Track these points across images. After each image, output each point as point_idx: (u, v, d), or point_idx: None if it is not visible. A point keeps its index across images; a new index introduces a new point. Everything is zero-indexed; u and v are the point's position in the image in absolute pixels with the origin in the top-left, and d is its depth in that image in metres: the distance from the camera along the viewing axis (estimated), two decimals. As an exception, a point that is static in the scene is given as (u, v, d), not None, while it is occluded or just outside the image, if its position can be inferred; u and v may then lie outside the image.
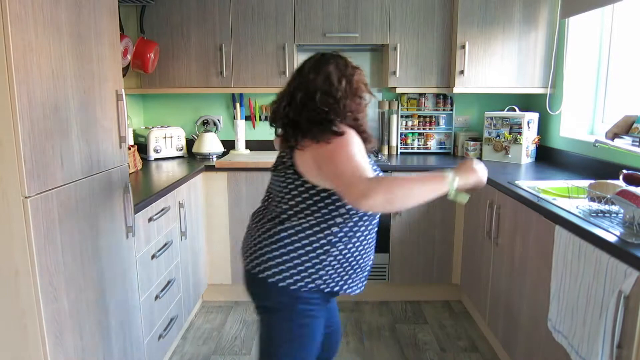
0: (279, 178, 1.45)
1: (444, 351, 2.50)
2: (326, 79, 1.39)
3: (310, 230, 1.39)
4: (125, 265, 1.80)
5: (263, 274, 1.40)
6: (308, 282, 1.40)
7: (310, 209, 1.39)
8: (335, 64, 1.41)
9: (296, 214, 1.40)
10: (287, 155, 1.43)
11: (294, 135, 1.39)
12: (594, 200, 1.75)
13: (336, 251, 1.40)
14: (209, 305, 3.04)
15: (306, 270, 1.39)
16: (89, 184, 1.53)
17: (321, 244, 1.39)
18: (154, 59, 2.94)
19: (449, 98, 3.34)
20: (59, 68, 1.37)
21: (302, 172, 1.38)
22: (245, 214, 2.90)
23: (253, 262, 1.43)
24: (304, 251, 1.38)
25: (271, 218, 1.44)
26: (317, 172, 1.35)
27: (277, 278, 1.39)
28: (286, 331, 1.42)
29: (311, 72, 1.41)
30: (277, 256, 1.39)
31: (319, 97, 1.37)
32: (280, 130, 1.48)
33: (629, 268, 1.30)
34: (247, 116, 3.43)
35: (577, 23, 2.74)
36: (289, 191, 1.41)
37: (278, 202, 1.44)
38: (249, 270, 1.45)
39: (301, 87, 1.41)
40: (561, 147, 2.88)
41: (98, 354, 1.60)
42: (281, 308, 1.42)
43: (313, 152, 1.34)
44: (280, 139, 1.48)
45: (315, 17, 2.97)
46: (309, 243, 1.38)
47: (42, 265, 1.29)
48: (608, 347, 1.37)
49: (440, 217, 2.90)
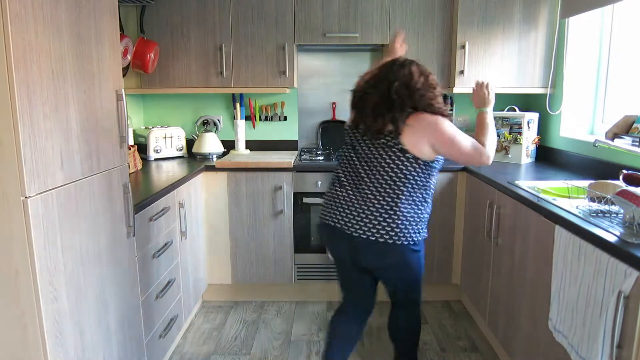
0: (384, 157, 1.77)
1: (444, 351, 2.50)
2: (424, 76, 1.81)
3: (420, 194, 1.81)
4: (125, 265, 1.80)
5: (399, 241, 1.78)
6: (423, 233, 1.86)
7: (415, 178, 1.78)
8: (417, 65, 1.83)
9: (411, 185, 1.78)
10: (388, 137, 1.76)
11: (399, 119, 1.74)
12: (594, 200, 1.75)
13: (429, 207, 1.87)
14: (209, 305, 3.04)
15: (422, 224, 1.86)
16: (89, 184, 1.53)
17: (426, 203, 1.85)
18: (154, 59, 2.94)
19: (449, 98, 3.34)
20: (59, 68, 1.37)
21: (410, 150, 1.74)
22: (245, 214, 2.90)
23: (387, 235, 1.77)
24: (420, 212, 1.82)
25: (388, 194, 1.77)
26: (429, 147, 1.75)
27: (409, 241, 1.80)
28: (420, 264, 1.91)
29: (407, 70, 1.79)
30: (407, 225, 1.79)
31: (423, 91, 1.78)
32: (370, 115, 1.80)
33: (629, 268, 1.30)
34: (247, 116, 3.43)
35: (577, 23, 2.74)
36: (400, 166, 1.76)
37: (390, 178, 1.77)
38: (384, 241, 1.78)
39: (402, 82, 1.77)
40: (561, 147, 2.88)
41: (98, 353, 1.60)
42: (417, 251, 1.86)
43: (426, 133, 1.73)
44: (372, 123, 1.78)
45: (315, 17, 2.97)
46: (421, 205, 1.82)
47: (42, 265, 1.29)
48: (608, 347, 1.37)
49: (440, 217, 2.90)
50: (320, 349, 2.53)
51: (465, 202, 2.85)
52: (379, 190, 1.78)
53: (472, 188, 2.73)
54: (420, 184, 1.80)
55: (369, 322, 2.81)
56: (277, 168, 2.84)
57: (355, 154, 1.85)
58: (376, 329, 2.73)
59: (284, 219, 2.91)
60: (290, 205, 2.90)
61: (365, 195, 1.80)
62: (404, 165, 1.76)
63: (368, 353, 2.49)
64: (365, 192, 1.80)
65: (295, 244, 2.95)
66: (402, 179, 1.77)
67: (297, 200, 2.90)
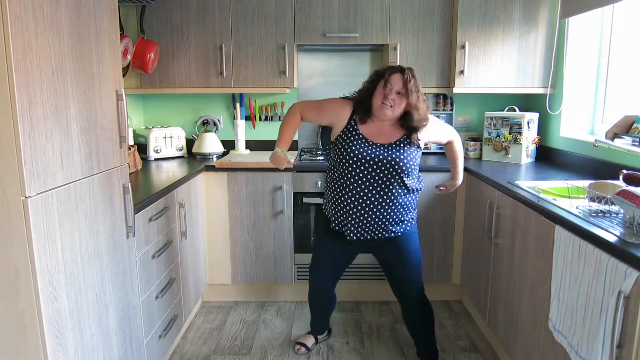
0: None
1: (443, 351, 2.50)
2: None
3: (329, 175, 2.19)
4: (125, 265, 1.80)
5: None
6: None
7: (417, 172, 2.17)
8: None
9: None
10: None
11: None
12: (594, 200, 1.75)
13: (331, 186, 2.18)
14: (209, 305, 3.04)
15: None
16: (89, 184, 1.53)
17: (330, 181, 2.19)
18: (154, 59, 2.94)
19: (449, 98, 3.34)
20: (59, 68, 1.37)
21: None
22: (245, 214, 2.90)
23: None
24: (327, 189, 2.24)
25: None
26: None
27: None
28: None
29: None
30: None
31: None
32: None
33: (629, 268, 1.30)
34: (247, 116, 3.43)
35: (577, 23, 2.74)
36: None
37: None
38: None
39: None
40: (561, 147, 2.88)
41: (98, 354, 1.60)
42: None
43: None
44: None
45: (315, 17, 2.97)
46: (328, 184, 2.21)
47: (42, 265, 1.29)
48: (608, 347, 1.37)
49: (440, 217, 2.90)
50: (321, 349, 2.53)
51: (465, 202, 2.85)
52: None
53: (472, 188, 2.73)
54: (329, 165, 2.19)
55: (369, 322, 2.82)
56: (277, 168, 2.83)
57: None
58: (376, 329, 2.73)
59: (284, 219, 2.91)
60: (290, 205, 2.90)
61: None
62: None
63: (368, 353, 2.50)
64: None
65: (295, 244, 2.95)
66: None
67: (297, 200, 2.90)
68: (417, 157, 2.12)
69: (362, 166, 2.04)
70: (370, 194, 2.05)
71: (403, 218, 2.13)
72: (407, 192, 2.10)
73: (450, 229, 2.92)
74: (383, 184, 2.05)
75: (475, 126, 3.43)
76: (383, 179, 2.04)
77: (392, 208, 2.08)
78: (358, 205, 2.07)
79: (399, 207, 2.09)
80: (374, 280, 2.98)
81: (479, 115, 3.40)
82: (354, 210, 2.08)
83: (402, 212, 2.11)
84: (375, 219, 2.08)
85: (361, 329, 2.73)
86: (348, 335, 2.66)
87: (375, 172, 2.04)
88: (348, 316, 2.88)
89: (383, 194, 2.05)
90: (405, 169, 2.05)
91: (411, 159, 2.07)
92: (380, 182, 2.04)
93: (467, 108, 3.41)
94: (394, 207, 2.08)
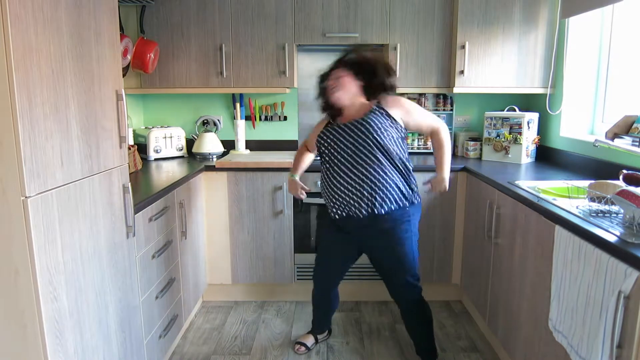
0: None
1: (443, 351, 2.50)
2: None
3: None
4: (125, 265, 1.80)
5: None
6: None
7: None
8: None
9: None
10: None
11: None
12: (594, 200, 1.75)
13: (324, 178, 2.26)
14: (209, 305, 3.04)
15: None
16: (89, 184, 1.53)
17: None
18: (154, 59, 2.94)
19: (449, 98, 3.34)
20: (59, 68, 1.37)
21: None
22: (245, 214, 2.90)
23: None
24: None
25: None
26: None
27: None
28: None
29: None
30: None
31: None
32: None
33: (629, 268, 1.30)
34: (247, 116, 3.43)
35: (577, 23, 2.74)
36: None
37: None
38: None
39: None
40: (561, 147, 2.88)
41: (98, 353, 1.60)
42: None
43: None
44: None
45: (315, 17, 2.97)
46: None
47: (42, 265, 1.29)
48: (608, 347, 1.37)
49: (440, 217, 2.90)
50: (321, 349, 2.53)
51: (465, 202, 2.85)
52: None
53: (472, 188, 2.73)
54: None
55: (369, 322, 2.82)
56: (277, 168, 2.84)
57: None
58: (376, 329, 2.73)
59: (284, 219, 2.91)
60: (290, 205, 2.90)
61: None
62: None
63: (368, 353, 2.50)
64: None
65: (295, 244, 2.95)
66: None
67: (297, 200, 2.89)
68: (389, 126, 2.07)
69: (335, 144, 2.11)
70: (346, 168, 2.09)
71: (386, 194, 2.06)
72: (385, 165, 2.06)
73: (451, 229, 2.92)
74: (357, 156, 2.07)
75: (475, 126, 3.43)
76: (359, 147, 2.06)
77: (369, 178, 2.05)
78: (336, 181, 2.12)
79: (378, 178, 2.05)
80: (374, 280, 2.98)
81: (479, 115, 3.40)
82: (336, 187, 2.13)
83: (383, 186, 2.06)
84: (355, 191, 2.08)
85: (361, 329, 2.73)
86: (348, 335, 2.67)
87: (350, 142, 2.08)
88: (348, 316, 2.88)
89: (359, 165, 2.06)
90: (377, 135, 2.02)
91: (382, 125, 2.04)
92: (354, 153, 2.07)
93: (467, 108, 3.41)
94: (372, 177, 2.05)
